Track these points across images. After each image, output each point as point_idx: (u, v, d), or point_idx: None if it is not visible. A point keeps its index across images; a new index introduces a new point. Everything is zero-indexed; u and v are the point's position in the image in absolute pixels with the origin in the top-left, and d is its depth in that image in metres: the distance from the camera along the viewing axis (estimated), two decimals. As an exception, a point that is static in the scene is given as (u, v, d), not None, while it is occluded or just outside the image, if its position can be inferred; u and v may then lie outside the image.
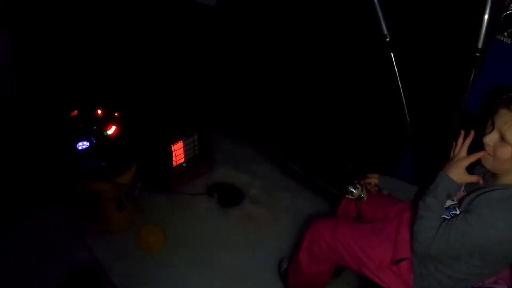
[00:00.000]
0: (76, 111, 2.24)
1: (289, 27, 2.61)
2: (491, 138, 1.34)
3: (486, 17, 1.65)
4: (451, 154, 1.47)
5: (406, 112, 2.01)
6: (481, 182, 1.42)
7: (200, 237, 2.39)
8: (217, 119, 2.89)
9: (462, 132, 1.46)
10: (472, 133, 1.43)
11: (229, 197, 2.68)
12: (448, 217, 1.44)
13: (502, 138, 1.31)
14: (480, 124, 1.42)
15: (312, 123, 2.79)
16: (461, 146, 1.44)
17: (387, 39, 1.93)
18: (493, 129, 1.34)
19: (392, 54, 1.94)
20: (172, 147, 2.51)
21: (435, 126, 2.05)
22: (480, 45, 1.71)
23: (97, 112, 2.27)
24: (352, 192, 1.85)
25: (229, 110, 3.14)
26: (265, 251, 2.34)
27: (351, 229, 1.71)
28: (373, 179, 1.89)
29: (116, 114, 2.30)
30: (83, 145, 2.14)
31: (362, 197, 1.87)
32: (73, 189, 2.21)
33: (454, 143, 1.47)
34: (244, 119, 3.18)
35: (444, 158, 1.50)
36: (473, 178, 1.43)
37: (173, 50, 2.90)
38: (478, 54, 1.73)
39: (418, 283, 1.54)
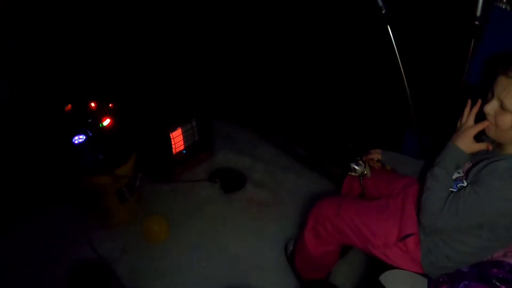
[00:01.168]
0: (69, 105, 2.22)
1: (289, 7, 2.56)
2: (491, 107, 1.32)
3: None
4: (458, 124, 1.45)
5: (406, 86, 1.98)
6: (490, 148, 1.40)
7: (205, 223, 2.38)
8: (215, 104, 2.85)
9: (469, 101, 1.43)
10: (479, 102, 1.40)
11: (231, 181, 2.67)
12: (455, 190, 1.42)
13: (502, 106, 1.29)
14: (482, 94, 1.39)
15: (311, 103, 2.75)
16: (468, 115, 1.42)
17: (383, 12, 1.88)
18: (493, 98, 1.32)
19: (388, 26, 1.90)
20: (171, 134, 2.48)
21: (436, 99, 2.01)
22: (478, 13, 1.66)
23: (91, 105, 2.25)
24: (355, 169, 1.83)
25: (228, 93, 3.11)
26: (271, 234, 2.33)
27: (355, 207, 1.69)
28: (376, 155, 1.87)
29: (110, 105, 2.28)
30: (79, 139, 2.12)
31: (366, 173, 1.84)
32: (74, 185, 2.20)
33: (461, 113, 1.44)
34: (244, 102, 3.14)
35: (446, 132, 1.47)
36: (482, 146, 1.41)
37: (167, 38, 2.84)
38: (477, 23, 1.68)
39: (426, 259, 1.52)
